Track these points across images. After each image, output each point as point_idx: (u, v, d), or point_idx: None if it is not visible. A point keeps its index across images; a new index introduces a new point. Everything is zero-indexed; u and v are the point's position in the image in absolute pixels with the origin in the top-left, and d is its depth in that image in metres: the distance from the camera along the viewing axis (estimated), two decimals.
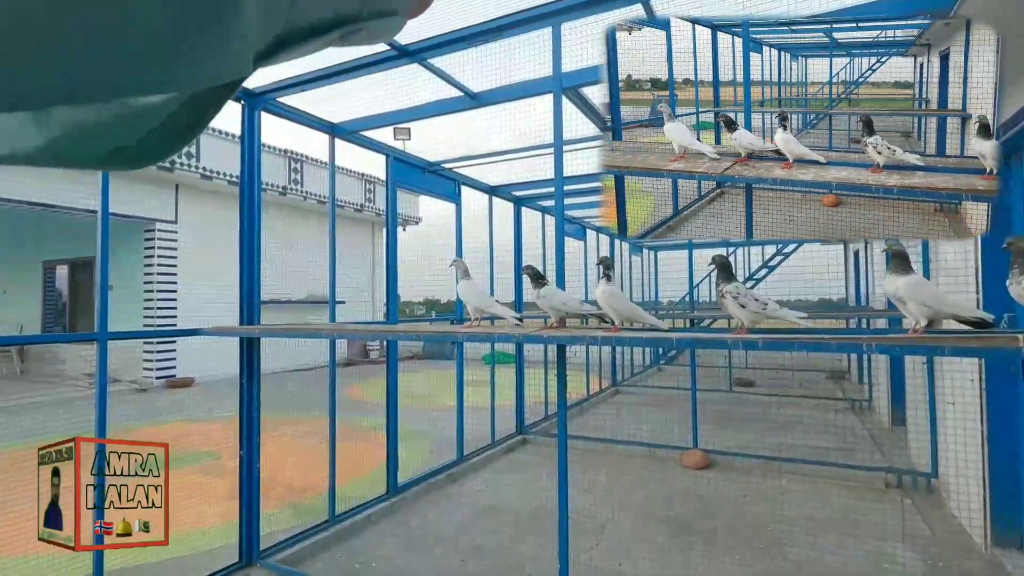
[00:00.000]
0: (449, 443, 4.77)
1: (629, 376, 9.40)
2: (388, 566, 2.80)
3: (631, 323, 1.79)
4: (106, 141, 0.34)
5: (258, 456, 2.79)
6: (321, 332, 2.40)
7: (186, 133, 0.37)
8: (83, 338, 2.31)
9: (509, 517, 3.46)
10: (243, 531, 2.75)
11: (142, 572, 2.70)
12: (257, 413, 2.77)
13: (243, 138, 2.84)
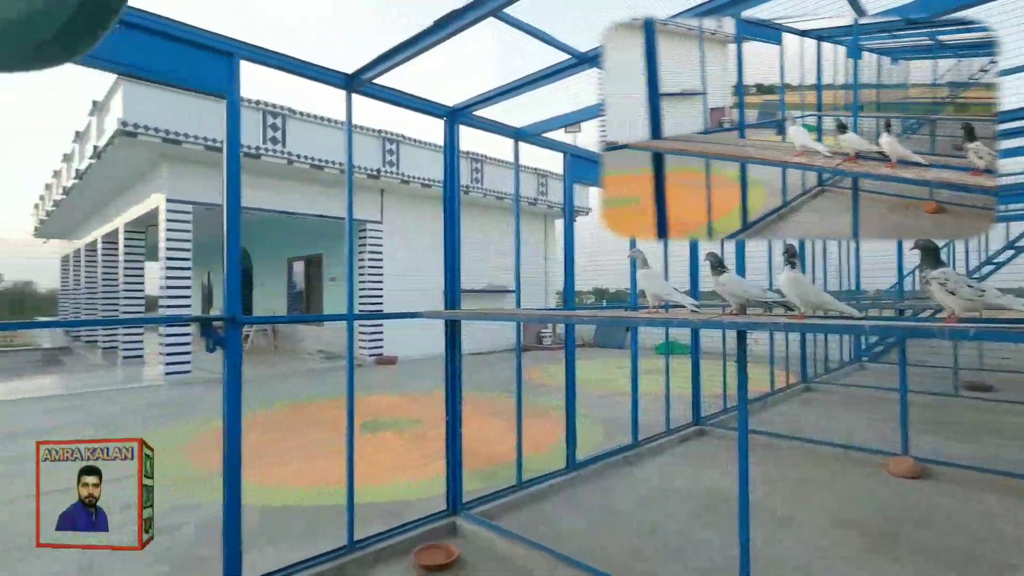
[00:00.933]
0: (622, 428, 4.91)
1: (823, 372, 8.52)
2: (569, 532, 3.07)
3: (819, 311, 1.76)
4: (28, 34, 0.43)
5: (460, 421, 3.25)
6: (514, 316, 2.73)
7: (96, 26, 0.47)
8: (335, 318, 2.94)
9: (685, 502, 3.51)
10: (449, 485, 3.24)
11: (376, 509, 3.33)
12: (459, 384, 3.23)
13: (445, 149, 3.31)
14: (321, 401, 7.25)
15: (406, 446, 4.97)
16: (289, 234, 14.28)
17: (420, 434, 5.38)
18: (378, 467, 4.26)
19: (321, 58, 6.39)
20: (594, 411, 6.16)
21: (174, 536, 3.10)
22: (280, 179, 10.38)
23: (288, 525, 3.21)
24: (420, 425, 5.71)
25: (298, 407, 6.82)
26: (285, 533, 3.08)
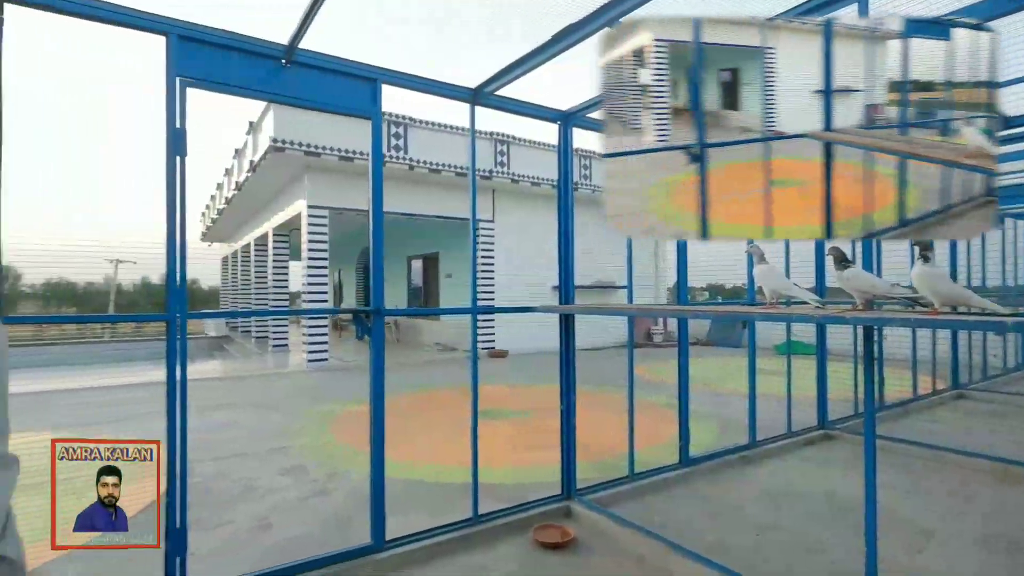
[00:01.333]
0: (737, 427, 4.78)
1: (980, 379, 7.54)
2: (683, 524, 3.10)
3: (956, 307, 1.68)
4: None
5: (574, 411, 3.41)
6: (626, 310, 2.83)
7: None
8: (460, 312, 3.23)
9: (809, 505, 3.38)
10: (564, 471, 3.41)
11: (492, 489, 3.60)
12: (573, 375, 3.39)
13: (560, 151, 3.47)
14: (440, 389, 7.78)
15: (518, 434, 5.23)
16: (409, 234, 15.32)
17: (531, 424, 5.62)
18: (493, 452, 4.55)
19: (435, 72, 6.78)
20: (706, 409, 6.02)
21: (330, 498, 3.59)
22: (402, 183, 11.20)
23: (419, 496, 3.57)
24: (530, 415, 5.96)
25: (421, 394, 7.39)
26: (416, 503, 3.44)
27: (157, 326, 2.34)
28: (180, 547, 2.24)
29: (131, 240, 4.44)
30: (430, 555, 2.75)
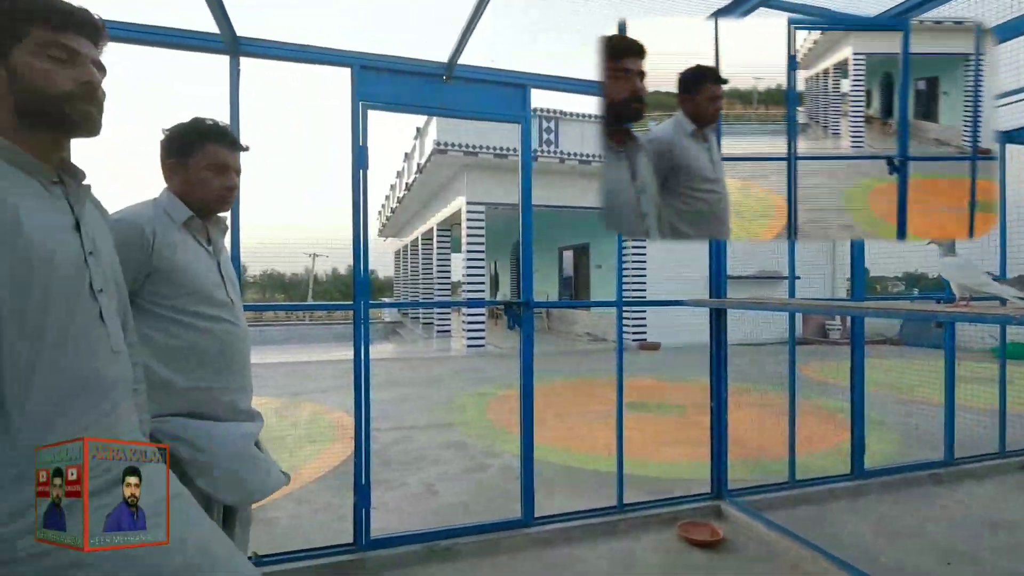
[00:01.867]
0: (925, 441, 4.16)
1: None
2: (852, 541, 2.83)
3: None
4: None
5: (726, 409, 3.28)
6: (785, 306, 2.66)
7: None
8: (605, 304, 3.30)
9: (1020, 537, 2.85)
10: (713, 470, 3.31)
11: (638, 481, 3.61)
12: (725, 372, 3.27)
13: None
14: (590, 379, 7.90)
15: (668, 428, 5.13)
16: (560, 225, 15.60)
17: (683, 419, 5.47)
18: (641, 445, 4.54)
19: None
20: (888, 418, 5.30)
21: (486, 473, 3.93)
22: (553, 176, 11.47)
23: (566, 480, 3.74)
24: (682, 411, 5.79)
25: (572, 382, 7.59)
26: (564, 485, 3.61)
27: (345, 312, 2.78)
28: (365, 500, 2.66)
29: (324, 236, 5.40)
30: (575, 536, 2.89)
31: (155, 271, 1.39)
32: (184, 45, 2.47)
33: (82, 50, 0.93)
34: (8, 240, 0.84)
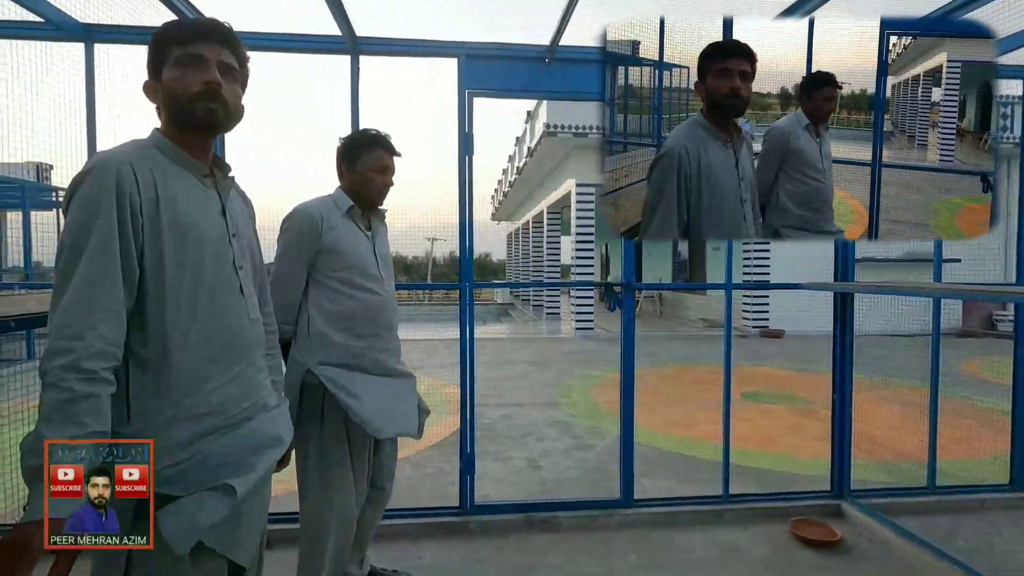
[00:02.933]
0: None
1: None
2: (1006, 560, 2.49)
3: None
4: None
5: (850, 403, 3.01)
6: (925, 291, 2.36)
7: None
8: (714, 287, 3.16)
9: None
10: (834, 467, 3.06)
11: (749, 472, 3.44)
12: (849, 364, 2.99)
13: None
14: (703, 365, 7.57)
15: (790, 421, 4.80)
16: None
17: (806, 412, 5.07)
18: (758, 436, 4.30)
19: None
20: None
21: (588, 453, 3.98)
22: None
23: (669, 464, 3.67)
24: (809, 404, 5.36)
25: (683, 368, 7.34)
26: (666, 470, 3.55)
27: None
28: (470, 468, 2.83)
29: (440, 220, 5.72)
30: (676, 521, 2.84)
31: (323, 248, 1.78)
32: (311, 49, 2.74)
33: (206, 54, 1.06)
34: (171, 217, 1.03)
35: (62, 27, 2.53)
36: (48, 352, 0.90)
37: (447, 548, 2.59)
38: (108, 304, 0.94)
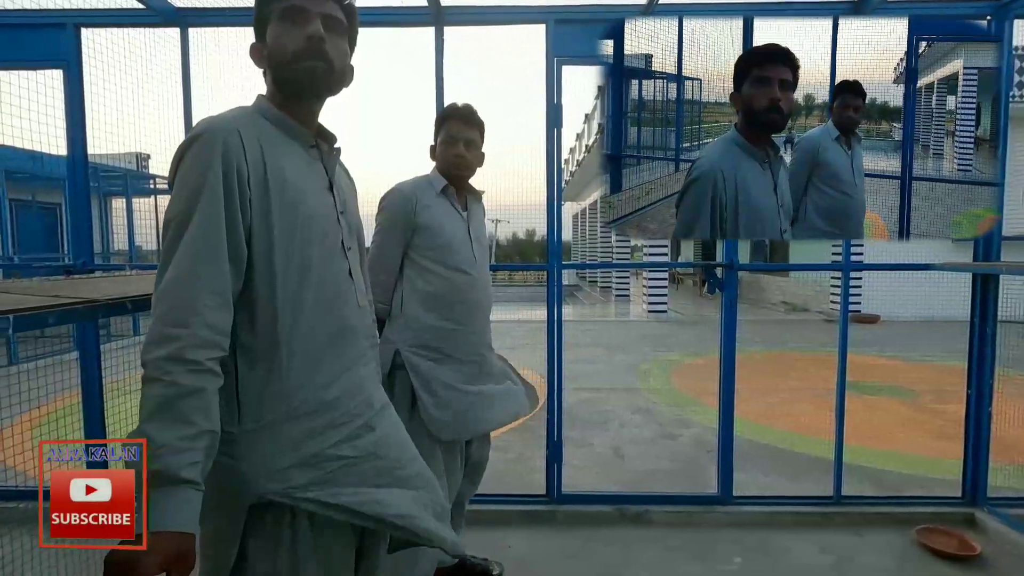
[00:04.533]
0: None
1: None
2: None
3: None
4: None
5: (989, 401, 2.65)
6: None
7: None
8: (829, 267, 2.85)
9: None
10: (967, 470, 2.72)
11: (858, 471, 3.14)
12: (991, 357, 2.62)
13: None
14: (790, 352, 7.10)
15: (899, 415, 4.38)
16: None
17: (913, 405, 4.62)
18: (865, 431, 3.94)
19: None
20: None
21: (676, 442, 3.79)
22: None
23: (766, 459, 3.41)
24: (915, 396, 4.88)
25: (767, 356, 6.90)
26: (763, 465, 3.30)
27: (523, 273, 2.83)
28: (557, 456, 2.72)
29: (504, 201, 5.60)
30: (780, 522, 2.62)
31: (418, 227, 1.75)
32: (395, 22, 2.66)
33: (308, 5, 0.95)
34: (279, 192, 0.92)
35: (160, 12, 2.57)
36: (149, 340, 0.81)
37: (535, 538, 2.51)
38: (214, 287, 0.85)
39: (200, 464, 0.80)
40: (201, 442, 0.80)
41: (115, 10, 2.64)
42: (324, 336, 0.98)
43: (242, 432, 0.91)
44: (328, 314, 0.99)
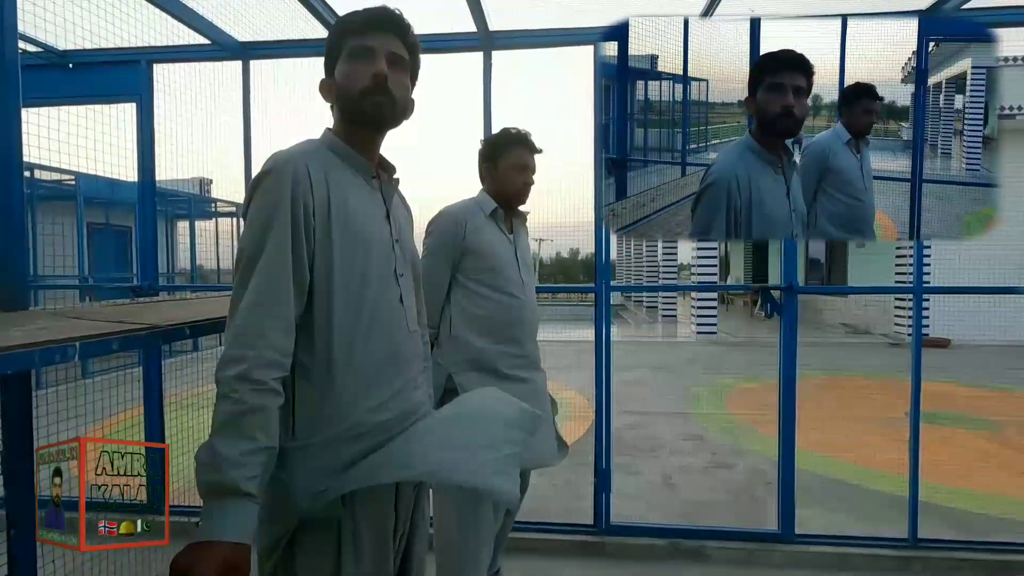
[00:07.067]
0: None
1: None
2: None
3: None
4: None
5: None
6: None
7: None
8: (902, 291, 2.67)
9: None
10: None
11: (933, 510, 2.89)
12: None
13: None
14: (851, 376, 6.72)
15: (979, 449, 4.04)
16: None
17: (996, 437, 4.25)
18: (942, 466, 3.64)
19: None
20: None
21: (731, 472, 3.61)
22: None
23: (832, 494, 3.19)
24: (998, 427, 4.50)
25: (827, 381, 6.55)
26: (824, 499, 3.09)
27: (568, 294, 2.77)
28: (606, 485, 2.63)
29: (547, 220, 5.47)
30: (851, 564, 2.43)
31: (467, 250, 1.75)
32: (446, 48, 2.71)
33: (375, 45, 1.00)
34: (341, 221, 0.97)
35: (225, 47, 2.71)
36: (222, 360, 0.87)
37: (584, 570, 2.42)
38: (279, 312, 0.91)
39: (258, 478, 0.84)
40: (260, 457, 0.85)
41: (185, 46, 2.80)
42: (376, 360, 1.00)
43: (295, 447, 0.94)
44: (380, 339, 1.01)
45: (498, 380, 1.75)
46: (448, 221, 1.78)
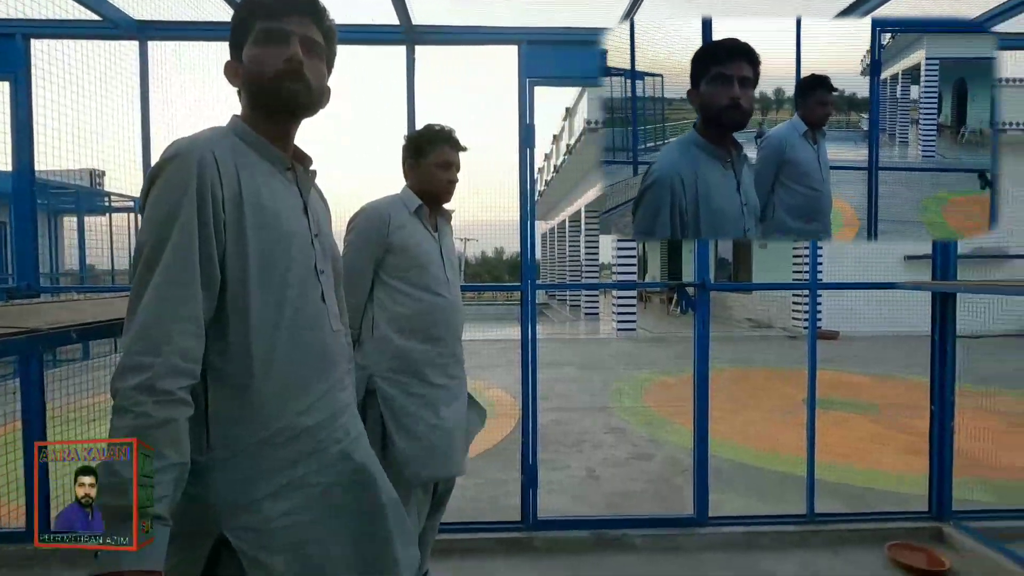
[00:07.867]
0: None
1: None
2: None
3: None
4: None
5: (951, 415, 2.72)
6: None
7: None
8: (798, 287, 2.90)
9: None
10: (934, 485, 2.77)
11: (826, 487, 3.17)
12: (951, 373, 2.70)
13: None
14: (756, 368, 7.23)
15: (867, 431, 4.47)
16: None
17: (876, 419, 4.73)
18: (835, 447, 4.00)
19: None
20: None
21: (650, 463, 3.76)
22: None
23: (738, 477, 3.42)
24: (876, 411, 5.01)
25: (739, 372, 7.01)
26: (735, 484, 3.31)
27: (493, 293, 2.80)
28: (532, 481, 2.66)
29: (473, 219, 5.49)
30: (759, 543, 2.61)
31: (391, 247, 1.70)
32: (368, 40, 2.62)
33: (289, 28, 0.93)
34: (254, 216, 0.90)
35: (119, 25, 2.47)
36: (120, 369, 0.78)
37: (513, 568, 2.43)
38: (187, 313, 0.82)
39: (169, 498, 0.77)
40: (170, 474, 0.77)
41: (69, 21, 2.52)
42: (301, 360, 0.94)
43: (211, 460, 0.87)
44: (304, 338, 0.95)
45: (421, 385, 1.73)
46: (371, 216, 1.73)
